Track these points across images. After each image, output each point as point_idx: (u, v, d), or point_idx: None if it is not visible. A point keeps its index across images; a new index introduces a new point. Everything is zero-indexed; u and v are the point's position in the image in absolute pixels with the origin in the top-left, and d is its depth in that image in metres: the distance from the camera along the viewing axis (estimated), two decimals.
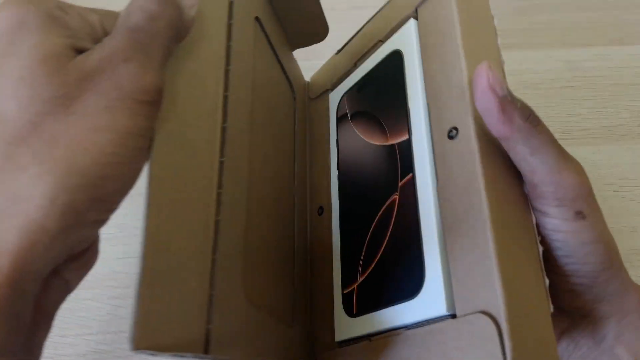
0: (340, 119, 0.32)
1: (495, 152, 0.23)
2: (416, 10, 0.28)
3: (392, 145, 0.27)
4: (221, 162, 0.21)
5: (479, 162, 0.22)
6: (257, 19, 0.28)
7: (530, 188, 0.23)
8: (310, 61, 0.49)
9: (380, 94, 0.29)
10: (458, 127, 0.23)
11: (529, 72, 0.46)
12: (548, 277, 0.25)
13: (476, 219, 0.21)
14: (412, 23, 0.28)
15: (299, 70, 0.36)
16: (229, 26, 0.24)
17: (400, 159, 0.27)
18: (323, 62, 0.38)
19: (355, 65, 0.32)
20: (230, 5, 0.24)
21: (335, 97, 0.34)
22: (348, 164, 0.31)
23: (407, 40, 0.28)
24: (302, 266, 0.31)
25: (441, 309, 0.22)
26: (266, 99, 0.28)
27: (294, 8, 0.31)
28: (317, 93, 0.35)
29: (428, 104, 0.26)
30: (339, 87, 0.34)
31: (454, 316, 0.22)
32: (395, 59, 0.29)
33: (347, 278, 0.28)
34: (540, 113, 0.44)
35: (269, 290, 0.26)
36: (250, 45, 0.26)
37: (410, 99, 0.27)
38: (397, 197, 0.26)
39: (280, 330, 0.26)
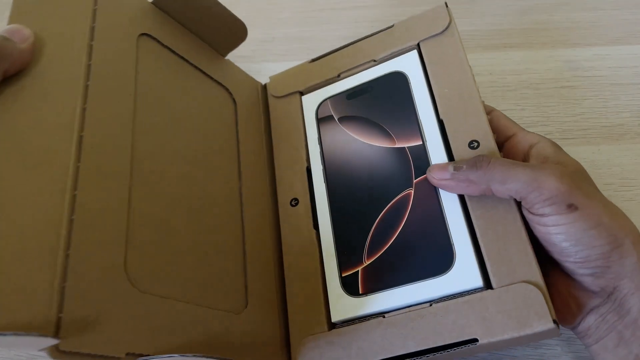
0: (323, 120, 0.36)
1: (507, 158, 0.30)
2: (418, 44, 0.35)
3: (402, 148, 0.33)
4: (77, 167, 0.24)
5: None
6: (145, 34, 0.31)
7: (522, 202, 0.27)
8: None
9: (383, 105, 0.34)
10: (479, 140, 0.30)
11: (529, 72, 0.46)
12: (567, 267, 0.28)
13: (507, 211, 0.28)
14: (415, 53, 0.35)
15: (241, 73, 0.39)
16: (90, 47, 0.27)
17: (414, 160, 0.32)
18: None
19: (338, 76, 0.37)
20: (92, 29, 0.27)
21: (311, 100, 0.37)
22: (338, 160, 0.34)
23: (412, 65, 0.35)
24: (262, 255, 0.32)
25: (477, 282, 0.27)
26: (174, 106, 0.31)
27: (201, 19, 0.34)
28: (284, 93, 0.38)
29: (442, 119, 0.32)
30: (317, 92, 0.38)
31: (486, 288, 0.27)
32: (398, 78, 0.35)
33: (347, 261, 0.31)
34: (540, 113, 0.44)
35: (193, 280, 0.27)
36: (128, 61, 0.29)
37: (420, 113, 0.33)
38: (411, 191, 0.31)
39: (217, 318, 0.27)
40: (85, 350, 0.21)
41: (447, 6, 0.35)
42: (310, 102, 0.37)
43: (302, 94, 0.38)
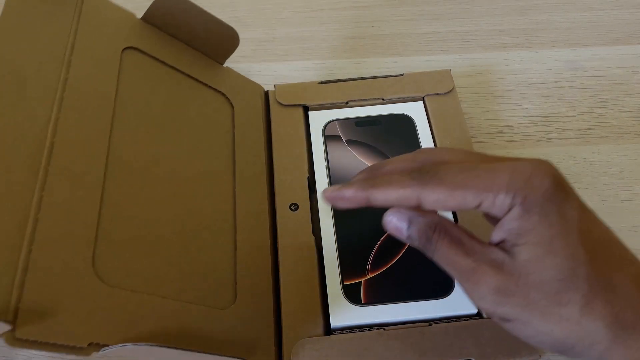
0: (330, 138, 0.38)
1: None
2: (423, 98, 0.40)
3: None
4: (46, 170, 0.25)
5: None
6: (131, 47, 0.33)
7: None
8: (313, 61, 0.49)
9: (390, 139, 0.38)
10: None
11: (529, 72, 0.46)
12: None
13: None
14: (421, 104, 0.40)
15: (241, 79, 0.39)
16: (69, 62, 0.29)
17: None
18: (328, 60, 0.38)
19: (347, 103, 0.40)
20: (72, 45, 0.29)
21: (319, 117, 0.40)
22: (344, 178, 0.36)
23: (418, 113, 0.39)
24: (255, 254, 0.33)
25: (473, 309, 0.31)
26: (160, 112, 0.33)
27: (191, 30, 0.36)
28: (290, 102, 0.40)
29: None
30: (324, 111, 0.40)
31: (478, 316, 0.31)
32: (406, 120, 0.39)
33: (349, 271, 0.33)
34: (540, 113, 0.44)
35: (172, 276, 0.28)
36: (109, 73, 0.31)
37: None
38: None
39: (196, 312, 0.28)
40: (43, 339, 0.22)
41: (451, 72, 0.40)
42: (318, 119, 0.39)
43: (308, 108, 0.40)
